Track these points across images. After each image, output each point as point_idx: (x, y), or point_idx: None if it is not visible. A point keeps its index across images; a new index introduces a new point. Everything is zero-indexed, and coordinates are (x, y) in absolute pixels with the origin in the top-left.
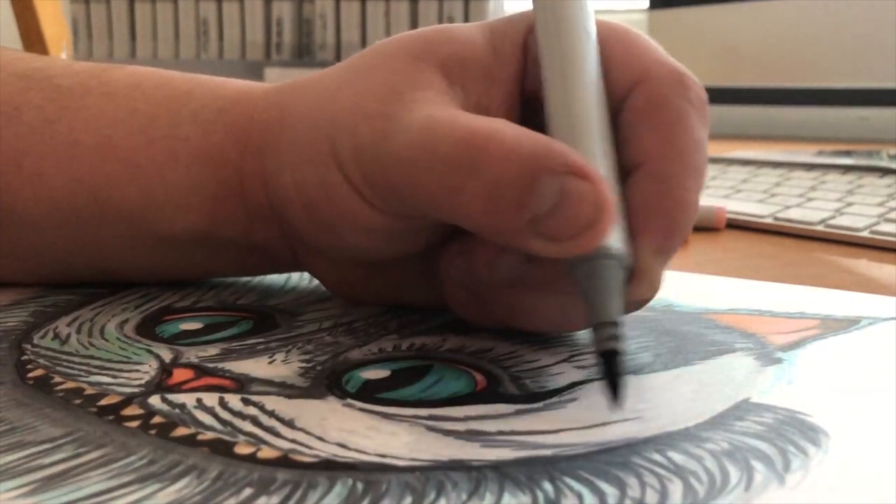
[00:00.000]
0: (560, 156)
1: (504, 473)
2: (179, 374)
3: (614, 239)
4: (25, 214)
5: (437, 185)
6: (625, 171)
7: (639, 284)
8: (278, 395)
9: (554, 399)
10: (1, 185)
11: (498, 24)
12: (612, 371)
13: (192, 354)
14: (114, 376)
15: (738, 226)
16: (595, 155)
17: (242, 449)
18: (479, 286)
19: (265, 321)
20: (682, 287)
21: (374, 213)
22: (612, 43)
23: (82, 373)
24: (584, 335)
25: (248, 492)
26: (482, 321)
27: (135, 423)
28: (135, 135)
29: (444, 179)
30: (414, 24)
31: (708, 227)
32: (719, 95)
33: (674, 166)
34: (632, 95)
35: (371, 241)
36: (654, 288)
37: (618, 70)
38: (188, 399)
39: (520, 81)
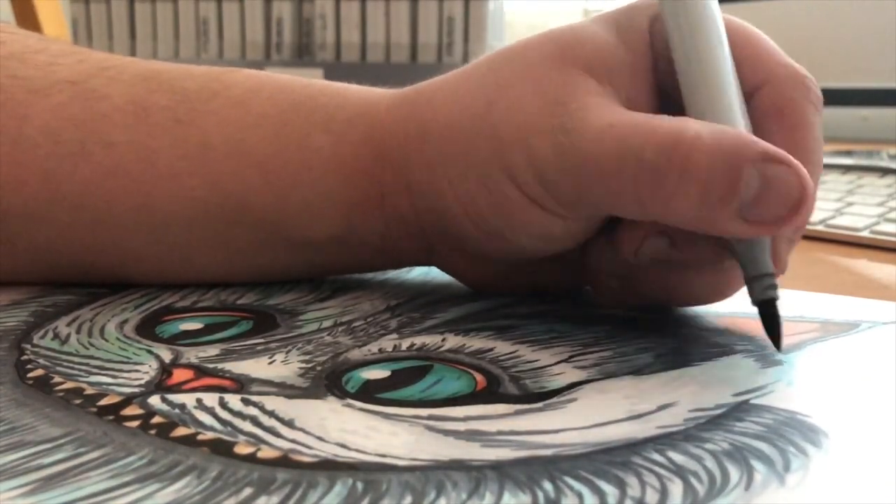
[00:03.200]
0: (755, 145)
1: (504, 473)
2: (179, 375)
3: None
4: (157, 215)
5: (644, 191)
6: None
7: (778, 271)
8: (278, 395)
9: (554, 399)
10: (134, 185)
11: (621, 18)
12: (772, 315)
13: (192, 354)
14: (114, 376)
15: None
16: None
17: (242, 449)
18: (627, 271)
19: (265, 321)
20: None
21: (554, 220)
22: (738, 43)
23: (82, 373)
24: (583, 334)
25: (248, 492)
26: (631, 302)
27: (135, 423)
28: (267, 141)
29: (654, 185)
30: (414, 24)
31: None
32: None
33: (805, 166)
34: (757, 96)
35: (539, 243)
36: (783, 270)
37: (745, 71)
38: (188, 399)
39: (654, 72)
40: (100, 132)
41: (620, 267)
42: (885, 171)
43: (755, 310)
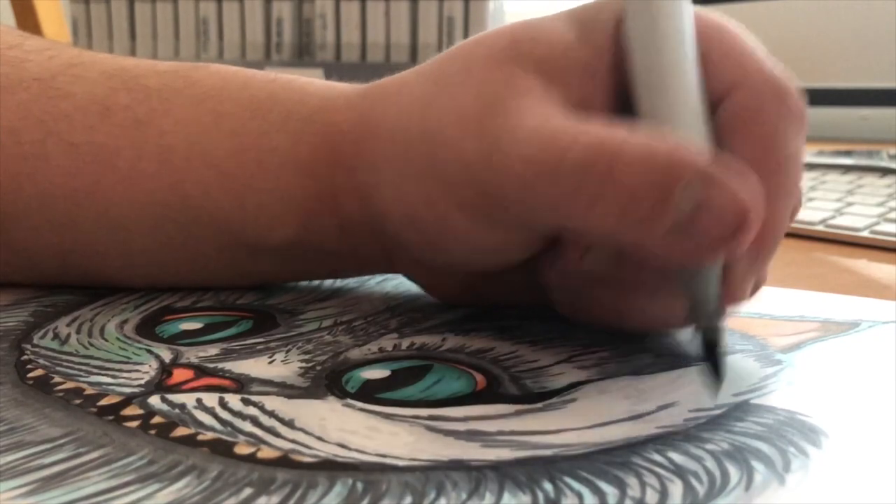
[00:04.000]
0: (691, 161)
1: (504, 473)
2: (179, 374)
3: None
4: (117, 218)
5: (565, 196)
6: None
7: (727, 299)
8: (278, 395)
9: (554, 399)
10: (93, 186)
11: (585, 14)
12: (714, 358)
13: (192, 354)
14: (113, 376)
15: None
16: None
17: (242, 449)
18: (574, 286)
19: (265, 321)
20: None
21: (484, 229)
22: (710, 40)
23: (82, 373)
24: (583, 334)
25: (248, 492)
26: (584, 321)
27: (135, 423)
28: (224, 141)
29: (575, 190)
30: (414, 23)
31: None
32: None
33: (768, 183)
34: (726, 101)
35: (479, 255)
36: (738, 302)
37: (714, 71)
38: (188, 399)
39: (616, 73)
40: (61, 132)
41: (568, 283)
42: (885, 171)
43: (755, 310)
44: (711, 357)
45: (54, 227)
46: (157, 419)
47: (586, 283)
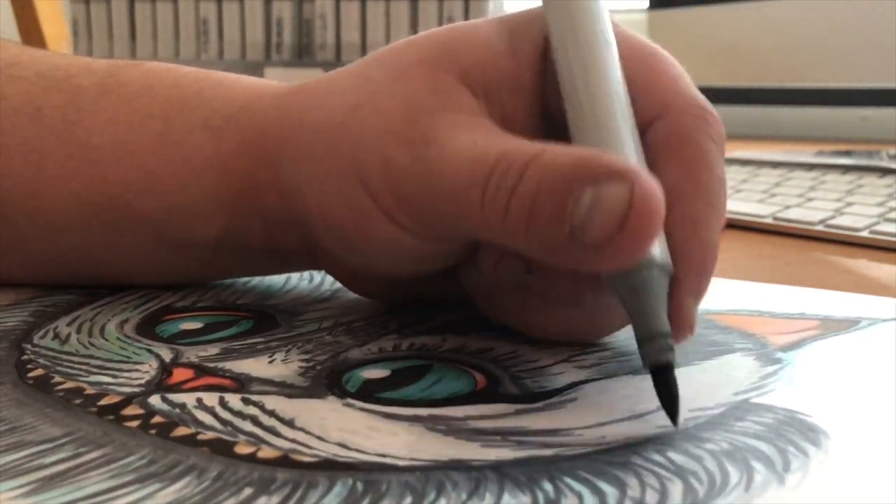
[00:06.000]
0: (598, 163)
1: (504, 473)
2: (179, 374)
3: (657, 249)
4: (47, 217)
5: (481, 207)
6: None
7: (678, 330)
8: (278, 394)
9: (554, 399)
10: (23, 187)
11: (518, 23)
12: (667, 385)
13: (192, 354)
14: (114, 376)
15: (738, 226)
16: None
17: (242, 449)
18: (490, 291)
19: (265, 321)
20: None
21: (407, 237)
22: (634, 66)
23: (82, 373)
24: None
25: (248, 491)
26: (504, 323)
27: (135, 423)
28: (150, 140)
29: (491, 201)
30: (414, 24)
31: None
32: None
33: (703, 208)
34: (655, 125)
35: (400, 263)
36: (692, 332)
37: (642, 96)
38: (188, 399)
39: (542, 86)
40: None
41: (485, 288)
42: (884, 171)
43: (755, 308)
44: (665, 394)
45: None
46: (157, 419)
47: (500, 290)
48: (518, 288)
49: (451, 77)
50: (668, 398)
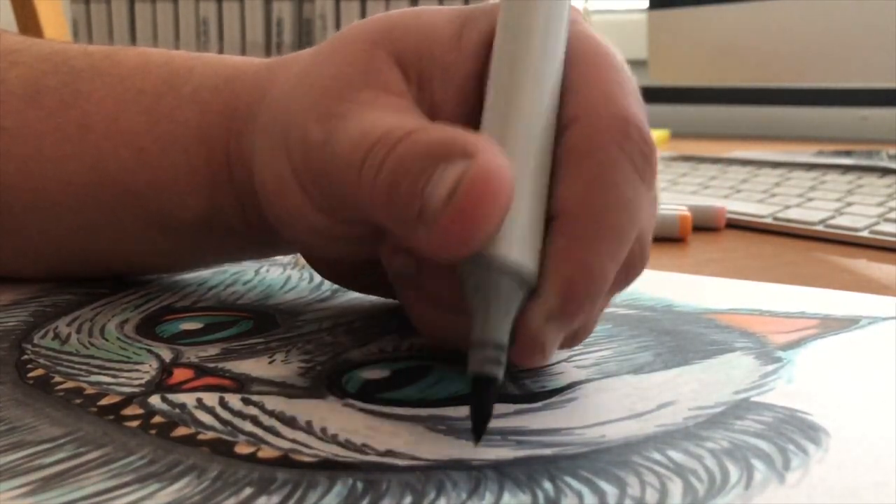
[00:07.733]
0: (459, 143)
1: (504, 473)
2: (179, 374)
3: (516, 253)
4: (45, 199)
5: (359, 186)
6: (547, 216)
7: (521, 348)
8: (278, 394)
9: (554, 398)
10: (26, 167)
11: (473, 15)
12: (480, 401)
13: (192, 354)
14: (114, 376)
15: (737, 226)
16: (521, 174)
17: (242, 449)
18: (394, 284)
19: (265, 321)
20: (682, 287)
21: (319, 215)
22: (575, 67)
23: (82, 372)
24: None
25: (248, 491)
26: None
27: (135, 423)
28: (141, 117)
29: (364, 180)
30: None
31: (708, 226)
32: (719, 95)
33: (588, 226)
34: (567, 133)
35: (319, 241)
36: (541, 357)
37: (566, 101)
38: (188, 399)
39: (481, 79)
40: None
41: (391, 280)
42: (884, 171)
43: (755, 307)
44: (477, 407)
45: None
46: (157, 419)
47: (398, 284)
48: (413, 286)
49: (387, 56)
50: (479, 415)
